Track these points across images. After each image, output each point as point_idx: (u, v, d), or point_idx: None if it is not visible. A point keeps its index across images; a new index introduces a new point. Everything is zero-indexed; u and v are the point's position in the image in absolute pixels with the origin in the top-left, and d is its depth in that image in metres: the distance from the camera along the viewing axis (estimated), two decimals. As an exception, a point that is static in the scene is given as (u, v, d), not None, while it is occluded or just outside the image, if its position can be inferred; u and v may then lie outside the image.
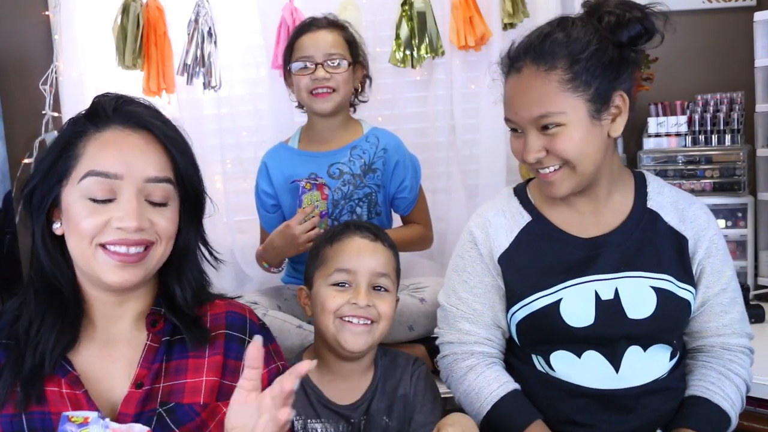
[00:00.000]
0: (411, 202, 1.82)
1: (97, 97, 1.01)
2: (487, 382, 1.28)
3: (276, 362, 1.09)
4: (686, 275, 1.28)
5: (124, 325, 1.02)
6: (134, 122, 0.98)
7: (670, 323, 1.27)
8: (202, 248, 1.08)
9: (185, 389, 0.99)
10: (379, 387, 1.33)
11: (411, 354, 1.42)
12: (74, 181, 0.95)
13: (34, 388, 0.93)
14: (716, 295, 1.29)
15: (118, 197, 0.95)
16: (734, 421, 1.25)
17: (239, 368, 1.03)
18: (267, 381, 1.05)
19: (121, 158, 0.95)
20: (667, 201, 1.32)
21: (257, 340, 0.88)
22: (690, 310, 1.28)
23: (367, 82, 1.84)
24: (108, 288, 0.98)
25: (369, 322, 1.27)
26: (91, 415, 0.85)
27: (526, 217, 1.33)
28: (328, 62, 1.70)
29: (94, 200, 0.94)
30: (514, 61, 1.24)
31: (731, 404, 1.24)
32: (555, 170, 1.22)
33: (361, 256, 1.30)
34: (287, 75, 1.80)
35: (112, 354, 1.00)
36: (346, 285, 1.28)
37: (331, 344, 1.29)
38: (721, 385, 1.25)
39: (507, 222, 1.33)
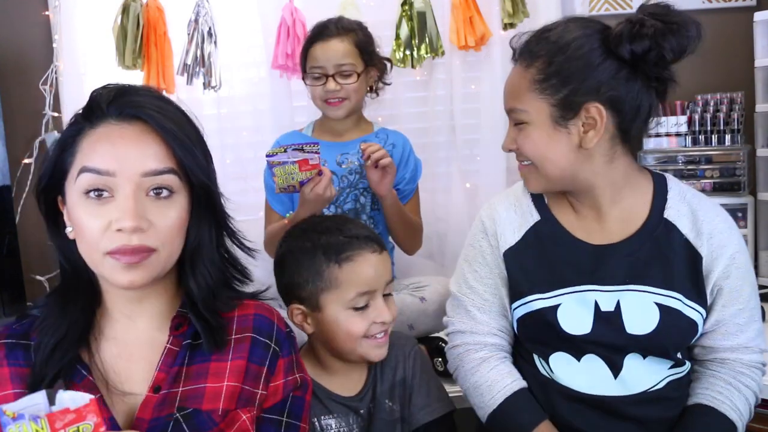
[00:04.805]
0: (406, 196, 1.84)
1: (95, 90, 0.97)
2: (501, 376, 1.27)
3: (295, 374, 1.06)
4: (696, 294, 1.22)
5: (145, 324, 1.00)
6: (128, 114, 0.93)
7: (672, 341, 1.22)
8: (229, 240, 1.04)
9: (205, 394, 0.97)
10: (378, 371, 1.34)
11: (400, 332, 1.43)
12: (72, 179, 0.93)
13: (43, 384, 0.92)
14: (733, 315, 1.23)
15: (115, 195, 0.91)
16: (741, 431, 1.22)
17: (261, 374, 1.01)
18: (282, 392, 1.03)
19: (113, 154, 0.91)
20: (687, 209, 1.25)
21: None
22: (696, 330, 1.23)
23: (388, 65, 1.87)
24: (120, 288, 0.96)
25: (388, 329, 1.30)
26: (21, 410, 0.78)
27: (536, 216, 1.31)
28: (339, 74, 1.73)
29: (92, 198, 0.91)
30: (513, 53, 1.27)
31: (739, 415, 1.21)
32: (525, 165, 1.27)
33: (377, 273, 1.27)
34: (305, 77, 1.83)
35: (132, 354, 0.99)
36: (365, 306, 1.26)
37: (349, 358, 1.30)
38: (729, 396, 1.21)
39: (516, 218, 1.32)
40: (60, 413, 0.78)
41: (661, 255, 1.22)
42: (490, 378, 1.27)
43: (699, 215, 1.25)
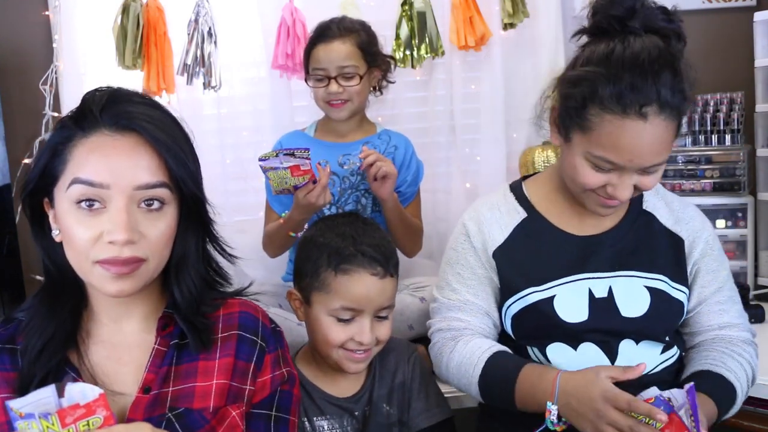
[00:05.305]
0: (407, 198, 1.84)
1: (87, 93, 0.96)
2: (478, 345, 1.27)
3: (282, 369, 1.07)
4: (680, 276, 1.30)
5: (133, 326, 1.01)
6: (122, 125, 0.92)
7: (663, 323, 1.28)
8: (213, 248, 1.05)
9: (195, 393, 0.97)
10: (377, 374, 1.34)
11: (400, 339, 1.43)
12: (62, 187, 0.92)
13: (32, 386, 0.91)
14: (713, 294, 1.30)
15: (108, 207, 0.91)
16: (740, 395, 1.23)
17: (248, 370, 1.02)
18: (270, 387, 1.05)
19: (107, 166, 0.90)
20: (662, 203, 1.35)
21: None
22: (683, 311, 1.30)
23: (391, 64, 1.87)
24: (108, 296, 0.96)
25: (370, 349, 1.28)
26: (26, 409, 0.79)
27: (522, 213, 1.33)
28: (342, 75, 1.73)
29: (83, 208, 0.91)
30: (641, 105, 1.12)
31: (735, 376, 1.23)
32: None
33: (369, 295, 1.25)
34: (308, 78, 1.82)
35: (122, 357, 0.99)
36: (350, 319, 1.26)
37: (326, 362, 1.30)
38: (723, 360, 1.24)
39: (502, 217, 1.34)
40: (70, 408, 0.79)
41: (643, 243, 1.29)
42: (468, 350, 1.27)
43: (674, 206, 1.35)
